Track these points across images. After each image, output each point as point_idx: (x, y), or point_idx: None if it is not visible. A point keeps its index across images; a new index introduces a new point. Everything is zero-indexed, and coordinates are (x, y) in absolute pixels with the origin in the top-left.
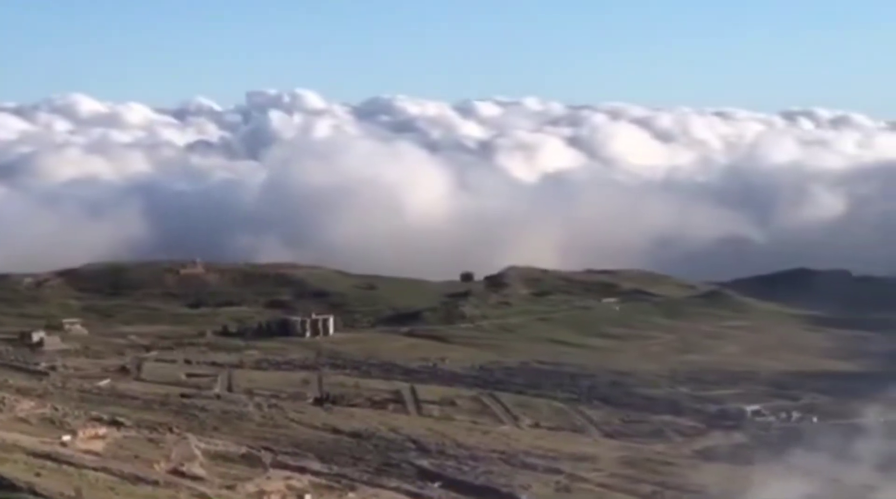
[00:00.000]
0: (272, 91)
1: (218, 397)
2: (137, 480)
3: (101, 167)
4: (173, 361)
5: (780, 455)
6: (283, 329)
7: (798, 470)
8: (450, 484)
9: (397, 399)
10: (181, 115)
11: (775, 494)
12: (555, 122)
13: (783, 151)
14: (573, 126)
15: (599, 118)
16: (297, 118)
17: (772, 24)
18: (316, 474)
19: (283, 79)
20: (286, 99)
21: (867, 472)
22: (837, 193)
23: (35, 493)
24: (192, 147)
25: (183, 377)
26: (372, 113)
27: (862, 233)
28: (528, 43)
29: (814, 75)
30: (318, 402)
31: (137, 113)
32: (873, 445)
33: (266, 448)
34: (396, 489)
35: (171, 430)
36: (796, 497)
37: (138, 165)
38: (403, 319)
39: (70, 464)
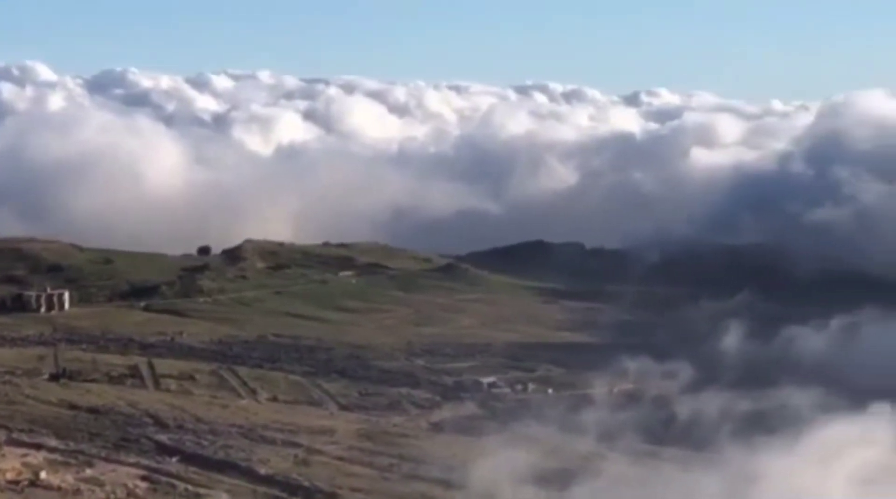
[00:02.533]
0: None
1: None
2: None
3: None
4: None
5: (514, 426)
6: (18, 304)
7: (527, 440)
8: (188, 459)
9: (135, 374)
10: None
11: (501, 463)
12: (289, 95)
13: (517, 123)
14: (308, 99)
15: (334, 92)
16: (29, 91)
17: None
18: (52, 450)
19: (11, 52)
20: (15, 72)
21: (592, 441)
22: (571, 166)
23: None
24: None
25: None
26: (105, 86)
27: (595, 205)
28: (260, 16)
29: (546, 50)
30: (54, 378)
31: None
32: (601, 415)
33: (0, 426)
34: (135, 465)
35: None
36: (519, 466)
37: None
38: (140, 293)
39: None
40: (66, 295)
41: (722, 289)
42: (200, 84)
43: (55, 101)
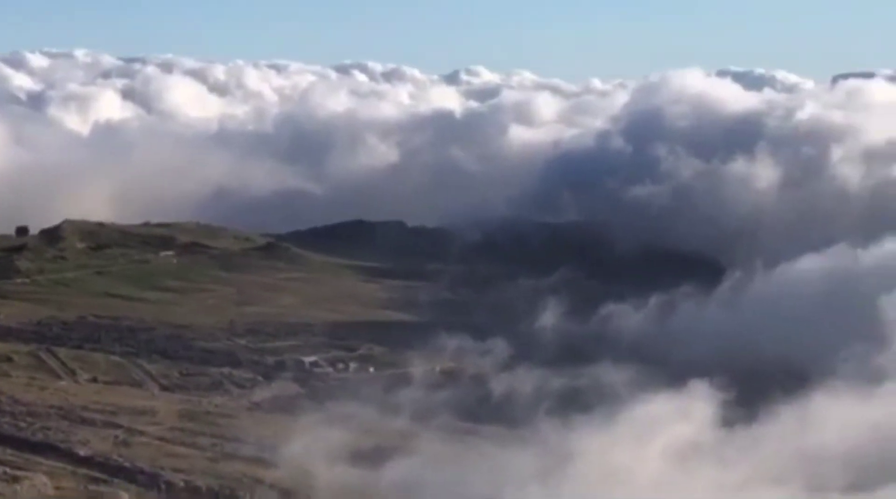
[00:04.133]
0: None
1: None
2: None
3: None
4: None
5: (333, 405)
6: None
7: (345, 419)
8: (6, 441)
9: None
10: None
11: (318, 442)
12: (106, 74)
13: (337, 102)
14: (126, 78)
15: (152, 70)
16: None
17: None
18: None
19: None
20: None
21: (409, 420)
22: (391, 144)
23: None
24: None
25: None
26: None
27: (415, 183)
28: None
29: (366, 30)
30: None
31: None
32: (420, 393)
33: None
34: None
35: None
36: (336, 445)
37: None
38: None
39: None
40: None
41: (541, 267)
42: (16, 62)
43: None
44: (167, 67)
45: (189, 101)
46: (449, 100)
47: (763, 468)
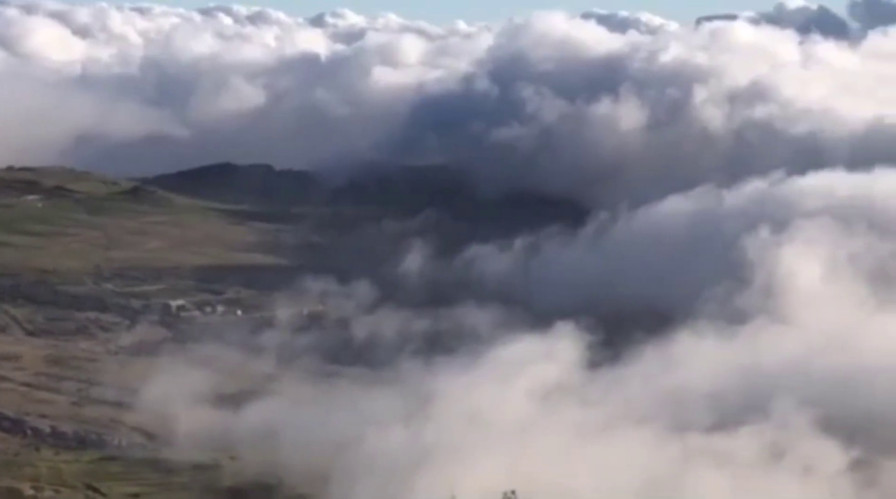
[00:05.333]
0: None
1: None
2: None
3: None
4: None
5: (199, 348)
6: None
7: (210, 362)
8: None
9: None
10: None
11: (181, 385)
12: None
13: (202, 45)
14: None
15: (13, 12)
16: None
17: None
18: None
19: None
20: None
21: (273, 362)
22: (257, 87)
23: None
24: None
25: None
26: None
27: (282, 126)
28: None
29: None
30: None
31: None
32: (285, 336)
33: None
34: None
35: None
36: (198, 387)
37: None
38: None
39: None
40: None
41: (407, 210)
42: None
43: None
44: (29, 9)
45: (52, 44)
46: (315, 43)
47: (627, 408)
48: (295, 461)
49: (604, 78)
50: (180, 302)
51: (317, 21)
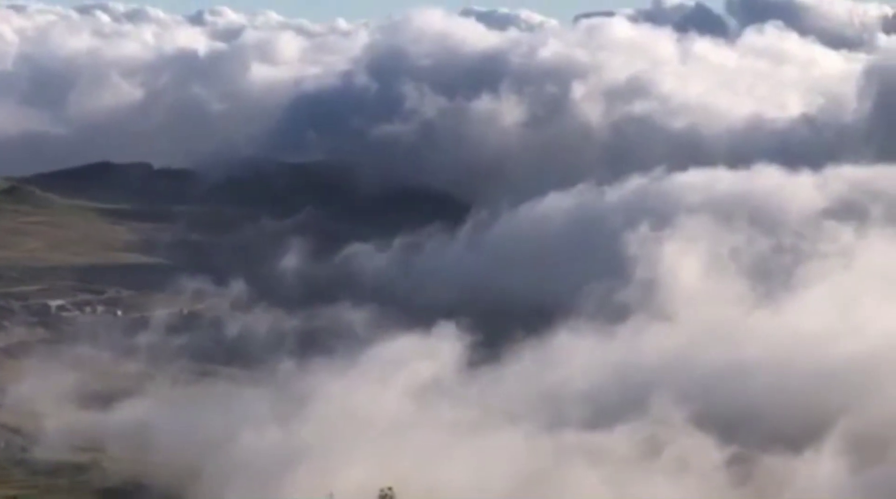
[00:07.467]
0: None
1: None
2: None
3: None
4: None
5: (75, 349)
6: None
7: (83, 362)
8: None
9: None
10: None
11: (51, 384)
12: None
13: (79, 42)
14: None
15: None
16: None
17: None
18: None
19: None
20: None
21: (146, 362)
22: (135, 85)
23: None
24: None
25: None
26: None
27: (160, 124)
28: None
29: None
30: None
31: None
32: (160, 336)
33: None
34: None
35: None
36: (68, 387)
37: None
38: None
39: None
40: None
41: (285, 207)
42: None
43: None
44: None
45: None
46: (193, 40)
47: (504, 407)
48: (167, 461)
49: (483, 74)
50: (60, 302)
51: (196, 19)
